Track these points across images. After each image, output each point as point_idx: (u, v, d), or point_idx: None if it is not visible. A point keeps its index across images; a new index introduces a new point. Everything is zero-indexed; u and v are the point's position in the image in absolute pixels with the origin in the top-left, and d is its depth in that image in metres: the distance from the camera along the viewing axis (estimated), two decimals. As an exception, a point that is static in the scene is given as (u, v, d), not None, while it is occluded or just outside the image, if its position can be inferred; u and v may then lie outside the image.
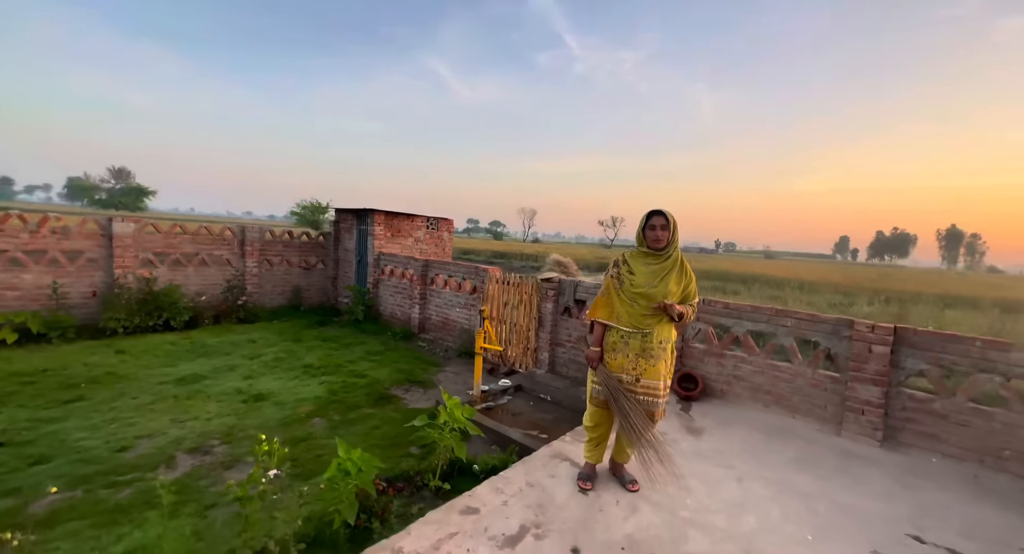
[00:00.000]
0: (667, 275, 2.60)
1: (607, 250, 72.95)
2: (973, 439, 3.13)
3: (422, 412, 4.60)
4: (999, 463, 3.03)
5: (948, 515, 2.58)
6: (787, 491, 2.77)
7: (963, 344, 3.18)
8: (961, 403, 3.17)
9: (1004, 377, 3.03)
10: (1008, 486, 2.90)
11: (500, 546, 2.20)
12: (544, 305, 5.75)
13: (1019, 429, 2.98)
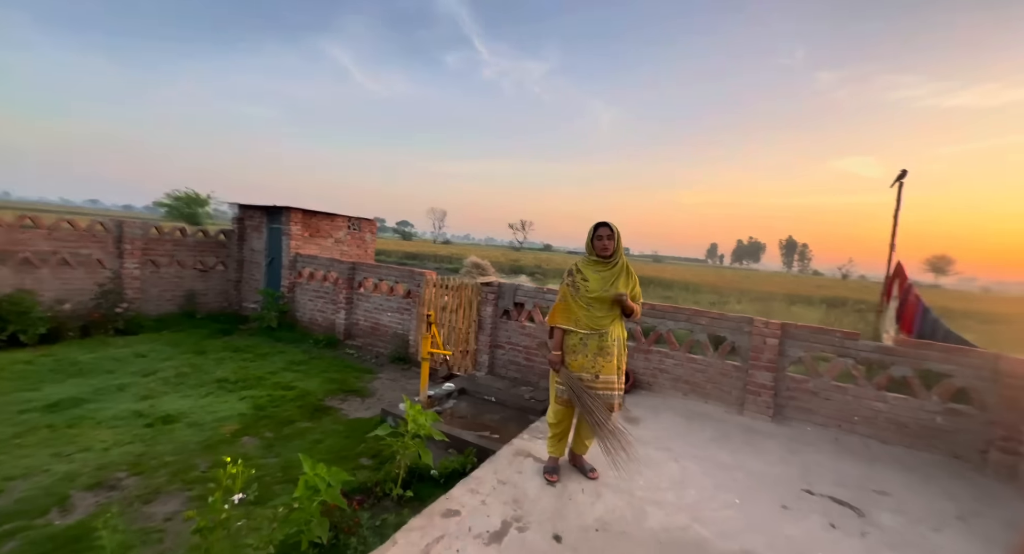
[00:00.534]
0: (616, 279, 2.92)
1: (517, 252, 75.15)
2: (834, 410, 4.02)
3: (364, 422, 4.46)
4: (851, 426, 3.95)
5: (824, 471, 3.31)
6: (713, 465, 3.29)
7: (828, 335, 4.07)
8: (826, 382, 4.06)
9: (854, 360, 3.96)
10: (858, 444, 3.79)
11: (487, 543, 2.30)
12: (484, 308, 5.89)
13: (863, 400, 3.91)
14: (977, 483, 3.29)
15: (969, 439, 3.54)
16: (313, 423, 4.36)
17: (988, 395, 3.49)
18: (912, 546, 2.49)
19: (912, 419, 3.73)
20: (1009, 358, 3.46)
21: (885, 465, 3.44)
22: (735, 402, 4.38)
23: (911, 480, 3.25)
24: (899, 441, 3.75)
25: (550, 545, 2.31)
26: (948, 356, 3.67)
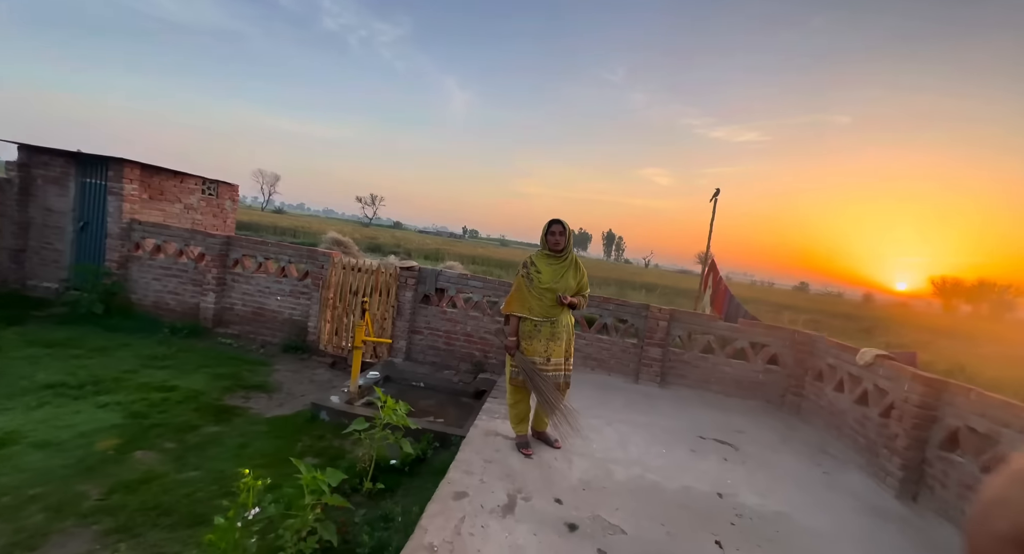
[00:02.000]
0: (566, 272, 3.29)
1: (365, 228, 70.35)
2: (700, 375, 5.33)
3: (288, 420, 4.01)
4: (710, 387, 5.30)
5: (704, 421, 4.43)
6: (635, 426, 4.08)
7: (700, 318, 5.34)
8: (696, 354, 5.33)
9: (714, 337, 5.30)
10: (715, 399, 5.13)
11: (503, 515, 2.52)
12: (403, 293, 5.72)
13: (718, 366, 5.29)
14: (782, 417, 4.88)
15: (776, 388, 5.17)
16: (224, 427, 3.71)
17: (787, 358, 5.16)
18: (769, 464, 3.64)
19: (745, 377, 5.24)
20: (800, 331, 5.17)
21: (735, 412, 4.80)
22: (632, 373, 5.38)
23: (751, 421, 4.62)
24: (738, 394, 5.23)
25: (555, 507, 2.66)
26: (768, 331, 5.26)
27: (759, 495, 3.09)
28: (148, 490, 2.75)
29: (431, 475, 3.30)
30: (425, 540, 2.21)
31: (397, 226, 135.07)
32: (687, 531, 2.57)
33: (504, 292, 5.70)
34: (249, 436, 3.62)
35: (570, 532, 2.44)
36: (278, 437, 3.69)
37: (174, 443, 3.35)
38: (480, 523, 2.41)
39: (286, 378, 5.04)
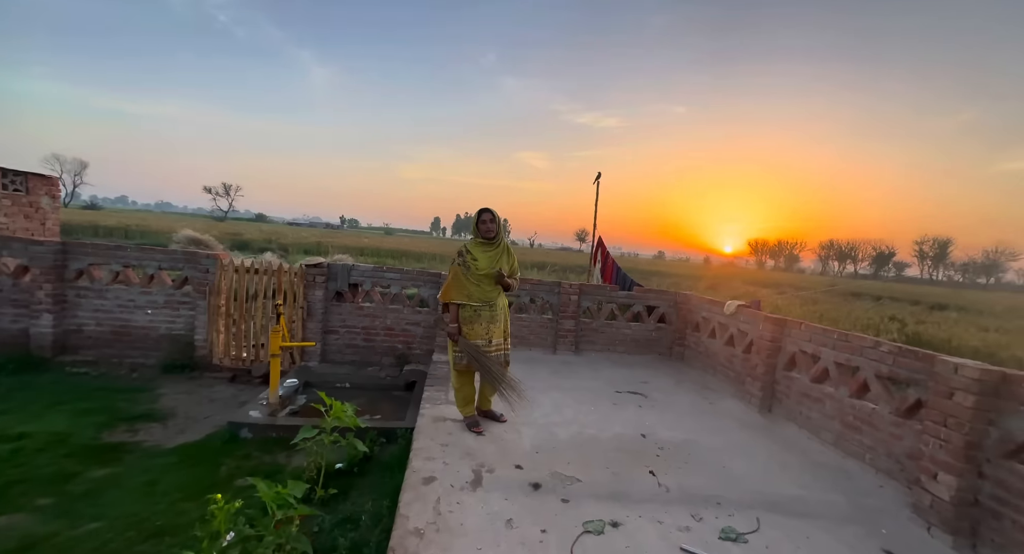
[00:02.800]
0: (500, 258, 3.54)
1: (221, 223, 61.13)
2: (606, 339, 6.05)
3: (200, 447, 3.56)
4: (615, 348, 6.06)
5: (616, 378, 5.10)
6: (563, 391, 4.53)
7: (603, 290, 6.03)
8: (603, 322, 6.03)
9: (616, 305, 6.05)
10: (621, 359, 5.90)
11: (473, 489, 2.68)
12: (312, 292, 5.31)
13: (621, 330, 6.07)
14: (673, 365, 5.85)
15: (665, 342, 6.15)
16: (115, 467, 3.15)
17: (672, 316, 6.15)
18: (671, 404, 4.40)
19: (642, 337, 6.11)
20: (680, 293, 6.20)
21: (638, 367, 5.60)
22: (550, 345, 5.87)
23: (651, 372, 5.45)
24: (638, 351, 6.09)
25: (517, 472, 2.91)
26: (657, 295, 6.18)
27: (670, 430, 3.75)
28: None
29: (382, 472, 3.29)
30: (410, 526, 2.27)
31: (260, 219, 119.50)
32: (626, 469, 3.05)
33: (424, 282, 5.67)
34: (156, 471, 3.13)
35: (535, 491, 2.72)
36: (194, 465, 3.26)
37: (51, 498, 2.75)
38: (455, 500, 2.54)
39: (178, 402, 4.37)
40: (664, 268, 44.86)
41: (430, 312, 5.67)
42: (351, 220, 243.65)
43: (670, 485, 2.88)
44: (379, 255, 26.77)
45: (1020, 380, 2.30)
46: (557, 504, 2.59)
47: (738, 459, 3.31)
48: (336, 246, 27.74)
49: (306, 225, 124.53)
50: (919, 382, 2.78)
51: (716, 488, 2.88)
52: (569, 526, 2.38)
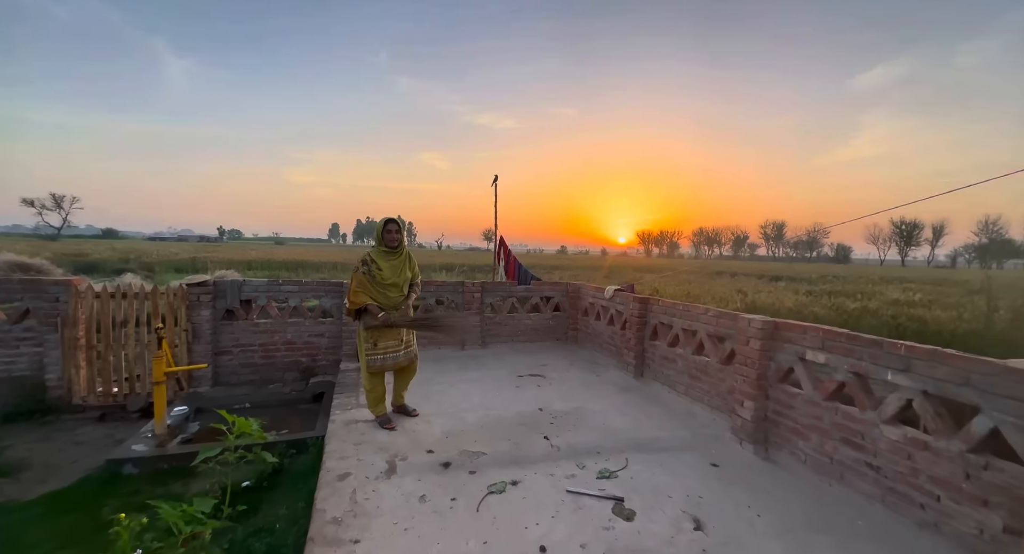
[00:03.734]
0: (403, 266, 3.83)
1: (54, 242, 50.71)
2: (509, 330, 6.56)
3: (72, 492, 3.24)
4: (518, 338, 6.61)
5: (519, 364, 5.62)
6: (471, 381, 4.90)
7: (504, 286, 6.53)
8: (505, 315, 6.53)
9: (516, 298, 6.60)
10: (523, 347, 6.46)
11: (388, 477, 2.93)
12: (198, 313, 4.96)
13: (522, 321, 6.63)
14: (568, 347, 6.57)
15: (561, 328, 6.87)
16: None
17: (565, 304, 6.89)
18: (565, 380, 5.02)
19: (541, 325, 6.75)
20: (571, 283, 6.96)
21: (539, 352, 6.20)
22: (458, 342, 6.20)
23: (549, 355, 6.09)
24: (538, 339, 6.71)
25: (429, 457, 3.20)
26: (551, 287, 6.87)
27: (563, 401, 4.35)
28: None
29: (295, 481, 3.35)
30: (327, 517, 2.46)
31: (110, 234, 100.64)
32: (525, 438, 3.53)
33: (325, 292, 5.61)
34: (14, 527, 2.81)
35: (446, 469, 3.05)
36: (66, 513, 2.99)
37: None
38: (371, 489, 2.77)
39: (31, 451, 3.83)
40: (566, 262, 47.78)
41: (334, 322, 5.64)
42: (232, 231, 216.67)
43: (560, 445, 3.42)
44: (271, 268, 24.49)
45: (786, 326, 3.22)
46: (465, 476, 2.95)
47: (616, 417, 4.00)
48: (217, 261, 24.73)
49: (173, 239, 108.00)
50: (731, 336, 3.68)
51: (597, 442, 3.49)
52: (476, 492, 2.76)
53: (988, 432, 2.10)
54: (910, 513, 2.41)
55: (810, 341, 3.02)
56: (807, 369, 3.06)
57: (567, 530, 2.40)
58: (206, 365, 4.54)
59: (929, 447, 2.34)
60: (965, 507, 2.18)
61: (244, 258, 29.96)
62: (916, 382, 2.39)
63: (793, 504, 2.69)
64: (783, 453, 3.19)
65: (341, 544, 2.25)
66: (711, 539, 2.35)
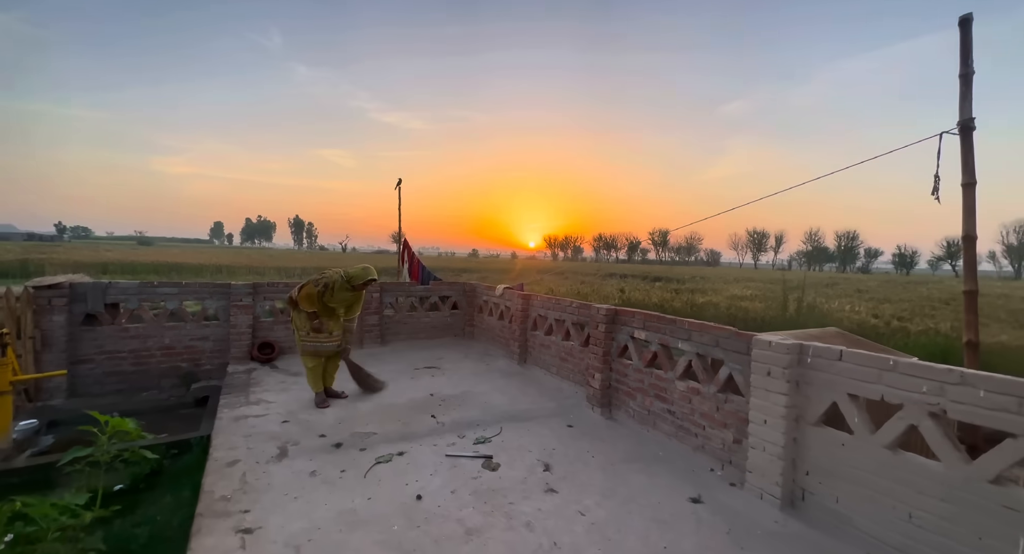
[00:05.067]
0: (355, 303, 4.50)
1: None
2: (409, 329, 6.89)
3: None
4: (417, 335, 6.97)
5: (417, 358, 5.99)
6: (397, 372, 5.17)
7: (403, 286, 6.85)
8: (405, 315, 6.85)
9: (416, 298, 6.96)
10: (422, 344, 6.83)
11: (279, 460, 3.15)
12: (49, 319, 4.51)
13: (421, 319, 7.00)
14: (465, 343, 7.10)
15: (458, 325, 7.38)
16: None
17: (462, 302, 7.42)
18: (458, 371, 5.53)
19: (442, 323, 7.19)
20: (468, 283, 7.51)
21: (437, 348, 6.63)
22: (357, 341, 6.37)
23: (446, 350, 6.55)
24: (438, 335, 7.14)
25: (321, 440, 3.47)
26: (449, 287, 7.35)
27: (453, 388, 4.85)
28: None
29: (177, 479, 3.36)
30: (216, 496, 2.65)
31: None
32: (415, 419, 3.96)
33: (210, 294, 5.45)
34: None
35: (337, 449, 3.36)
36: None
37: None
38: (261, 471, 2.99)
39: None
40: (476, 265, 48.58)
41: (220, 325, 5.46)
42: (78, 228, 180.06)
43: (445, 422, 3.92)
44: (136, 272, 21.25)
45: (623, 312, 4.11)
46: (356, 453, 3.30)
47: (497, 396, 4.62)
48: (58, 264, 20.75)
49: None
50: (588, 323, 4.53)
51: (478, 417, 4.05)
52: (365, 464, 3.13)
53: (727, 377, 3.08)
54: (690, 441, 3.36)
55: (637, 323, 3.92)
56: (635, 345, 3.96)
57: (441, 482, 2.91)
58: (65, 372, 4.18)
59: (700, 392, 3.29)
60: (716, 430, 3.14)
61: (97, 260, 25.48)
62: (693, 347, 3.35)
63: (618, 446, 3.52)
64: (621, 412, 4.07)
65: (231, 515, 2.48)
66: (554, 475, 3.04)
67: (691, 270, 53.58)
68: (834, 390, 2.49)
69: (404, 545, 2.29)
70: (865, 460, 2.35)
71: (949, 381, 2.04)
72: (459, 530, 2.42)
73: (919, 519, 2.13)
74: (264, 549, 2.23)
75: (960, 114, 2.79)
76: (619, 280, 22.47)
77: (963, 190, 2.84)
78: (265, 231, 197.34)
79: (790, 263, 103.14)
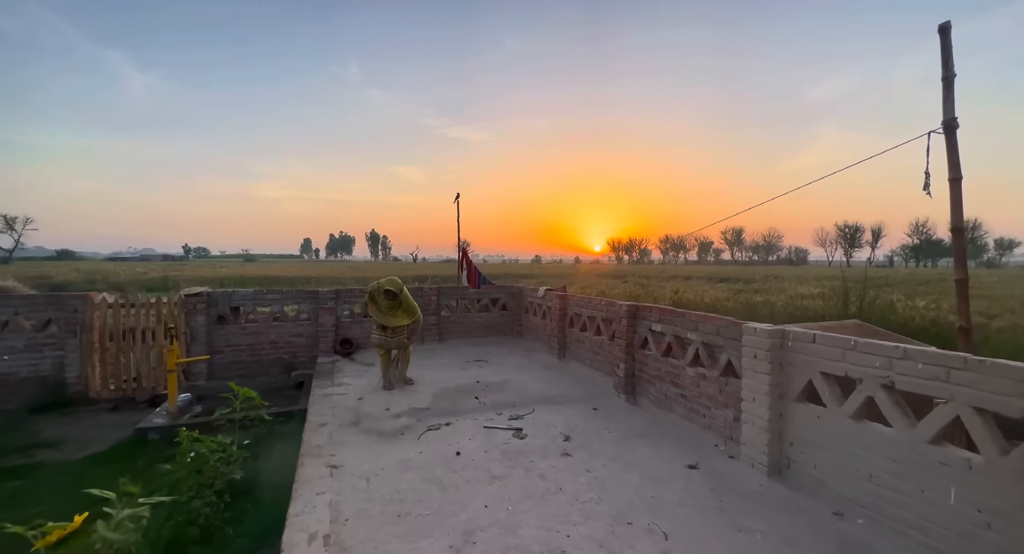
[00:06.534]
0: (397, 310, 5.19)
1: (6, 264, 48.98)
2: (463, 328, 7.74)
3: (109, 453, 4.21)
4: (471, 334, 7.79)
5: (468, 353, 6.79)
6: (425, 367, 6.04)
7: (458, 289, 7.73)
8: (460, 315, 7.71)
9: (468, 300, 7.80)
10: (474, 341, 7.64)
11: (353, 426, 4.04)
12: (194, 319, 5.93)
13: (474, 320, 7.82)
14: (513, 340, 7.79)
15: (507, 325, 8.09)
16: (31, 478, 3.73)
17: (511, 304, 8.13)
18: (503, 363, 6.23)
19: (492, 323, 7.96)
20: (515, 286, 8.23)
21: (486, 345, 7.40)
22: (419, 339, 7.34)
23: (495, 347, 7.29)
24: (490, 334, 7.91)
25: (387, 414, 4.33)
26: (498, 289, 8.11)
27: (496, 376, 5.55)
28: None
29: (283, 437, 4.40)
30: (312, 444, 3.57)
31: (66, 256, 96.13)
32: (462, 399, 4.71)
33: (303, 299, 6.68)
34: (72, 474, 3.78)
35: (396, 419, 4.19)
36: (109, 464, 3.96)
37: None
38: (342, 431, 3.89)
39: (65, 431, 4.74)
40: (537, 270, 49.35)
41: (311, 324, 6.68)
42: (199, 249, 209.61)
43: (486, 402, 4.62)
44: (244, 284, 24.81)
45: (643, 307, 4.55)
46: (412, 422, 4.10)
47: (534, 384, 5.24)
48: (188, 279, 24.85)
49: (135, 259, 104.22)
50: (614, 318, 4.99)
51: (515, 399, 4.70)
52: (418, 430, 3.92)
53: (726, 362, 3.44)
54: (699, 421, 3.73)
55: (655, 317, 4.35)
56: (653, 337, 4.38)
57: (477, 445, 3.59)
58: (208, 357, 5.52)
59: (706, 377, 3.66)
60: (719, 410, 3.50)
61: (215, 275, 29.99)
62: (699, 336, 3.73)
63: (634, 425, 3.97)
64: (643, 398, 4.49)
65: (322, 456, 3.37)
66: (571, 444, 3.59)
67: (768, 270, 49.77)
68: (810, 369, 2.80)
69: (443, 482, 3.00)
70: (835, 430, 2.65)
71: (895, 356, 2.33)
72: (486, 476, 3.09)
73: (877, 478, 2.42)
74: (345, 478, 3.06)
75: (944, 114, 2.92)
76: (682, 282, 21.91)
77: (950, 185, 2.95)
78: (346, 245, 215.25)
79: (891, 259, 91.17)
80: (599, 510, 2.66)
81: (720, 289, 15.75)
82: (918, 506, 2.23)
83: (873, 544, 2.28)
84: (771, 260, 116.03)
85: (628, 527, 2.49)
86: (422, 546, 2.34)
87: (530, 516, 2.60)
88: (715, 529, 2.46)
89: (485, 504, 2.72)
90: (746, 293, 13.07)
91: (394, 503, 2.75)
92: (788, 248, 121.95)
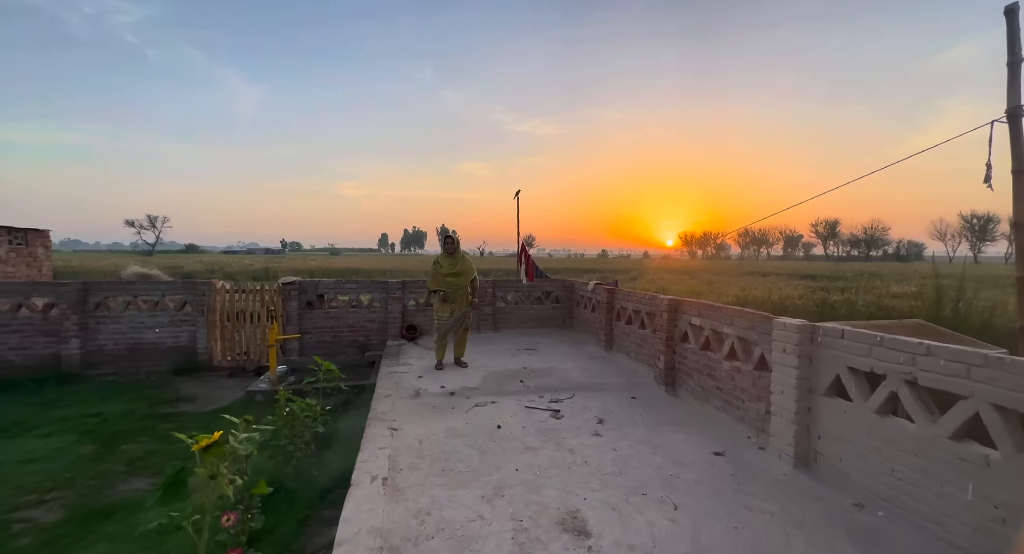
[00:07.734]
0: (457, 264, 5.70)
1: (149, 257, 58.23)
2: (516, 319, 8.18)
3: (231, 407, 5.23)
4: (524, 324, 8.21)
5: (519, 342, 7.21)
6: (479, 353, 6.56)
7: (512, 282, 8.18)
8: (513, 307, 8.17)
9: (521, 293, 8.23)
10: (527, 331, 8.05)
11: (413, 399, 4.63)
12: (288, 304, 6.99)
13: (527, 311, 8.23)
14: (563, 332, 8.08)
15: (559, 316, 8.39)
16: (179, 423, 4.77)
17: (563, 297, 8.41)
18: (552, 353, 6.56)
19: (544, 315, 8.32)
20: (567, 280, 8.49)
21: (538, 335, 7.77)
22: (475, 327, 7.91)
23: (546, 337, 7.63)
24: (542, 325, 8.28)
25: (442, 390, 4.88)
26: (551, 283, 8.44)
27: (543, 363, 5.91)
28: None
29: (357, 406, 5.13)
30: (377, 411, 4.20)
31: (192, 250, 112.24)
32: (508, 382, 5.14)
33: (376, 289, 7.54)
34: (207, 421, 4.79)
35: (451, 396, 4.72)
36: (237, 414, 4.92)
37: (150, 436, 4.38)
38: (403, 403, 4.50)
39: (197, 391, 5.93)
40: (603, 265, 48.53)
41: (381, 311, 7.52)
42: (293, 243, 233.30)
43: (530, 386, 5.00)
44: (330, 275, 27.63)
45: (683, 302, 4.63)
46: (462, 399, 4.61)
47: (577, 372, 5.52)
48: (284, 270, 28.19)
49: (243, 253, 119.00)
50: (656, 312, 5.11)
51: (557, 384, 5.04)
52: (467, 406, 4.41)
53: (759, 356, 3.49)
54: (733, 413, 3.80)
55: (694, 312, 4.43)
56: (693, 331, 4.46)
57: (517, 421, 4.00)
58: (299, 335, 6.52)
59: (740, 370, 3.72)
60: (752, 403, 3.56)
61: (306, 267, 33.62)
62: (735, 330, 3.79)
63: (669, 414, 4.13)
64: (682, 390, 4.60)
65: (385, 421, 3.98)
66: (604, 426, 3.86)
67: (864, 266, 44.10)
68: (838, 364, 2.82)
69: (483, 448, 3.44)
70: (861, 424, 2.66)
71: (919, 353, 2.33)
72: (521, 446, 3.48)
73: (899, 472, 2.43)
74: (402, 438, 3.63)
75: (1008, 101, 2.68)
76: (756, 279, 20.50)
77: (1013, 177, 2.71)
78: (419, 240, 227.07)
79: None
80: (618, 481, 2.93)
81: (796, 287, 14.58)
82: (937, 500, 2.23)
83: (885, 534, 2.32)
84: (873, 255, 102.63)
85: (642, 497, 2.74)
86: (459, 494, 2.79)
87: (554, 481, 2.94)
88: (726, 506, 2.62)
89: (516, 468, 3.12)
90: (827, 292, 11.97)
91: (440, 461, 3.24)
92: (897, 242, 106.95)
